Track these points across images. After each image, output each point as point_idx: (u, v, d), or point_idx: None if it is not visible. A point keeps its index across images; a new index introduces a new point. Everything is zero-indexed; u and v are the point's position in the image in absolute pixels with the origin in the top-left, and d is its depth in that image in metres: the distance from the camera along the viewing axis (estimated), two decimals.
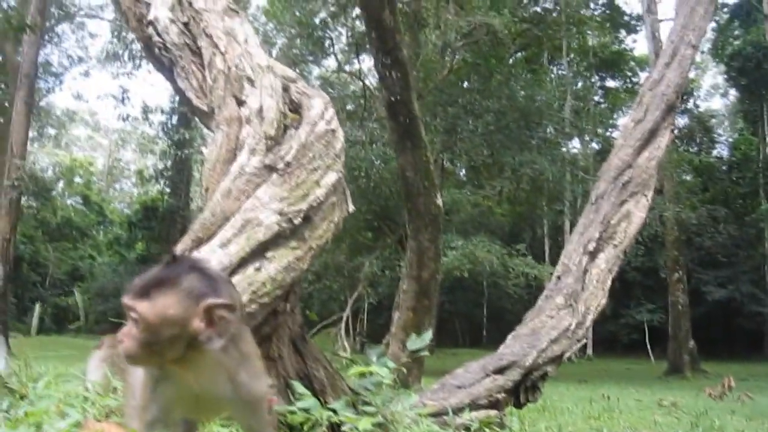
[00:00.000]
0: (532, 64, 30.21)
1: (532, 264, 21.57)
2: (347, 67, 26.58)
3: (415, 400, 3.99)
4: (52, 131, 51.92)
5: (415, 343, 3.95)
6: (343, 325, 23.47)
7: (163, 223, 41.92)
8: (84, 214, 48.80)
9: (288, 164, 3.16)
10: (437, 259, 10.14)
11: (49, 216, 42.89)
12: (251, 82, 3.50)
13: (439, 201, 9.60)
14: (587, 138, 33.39)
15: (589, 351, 32.18)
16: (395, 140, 9.47)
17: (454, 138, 21.97)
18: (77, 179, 52.83)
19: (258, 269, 2.92)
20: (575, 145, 34.56)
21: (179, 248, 3.03)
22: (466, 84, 24.17)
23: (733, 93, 42.66)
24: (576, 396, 12.06)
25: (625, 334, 35.49)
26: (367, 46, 16.29)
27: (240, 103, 3.47)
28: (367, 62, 24.60)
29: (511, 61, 26.36)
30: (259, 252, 2.95)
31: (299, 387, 3.17)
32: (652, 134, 6.64)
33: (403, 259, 15.32)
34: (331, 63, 27.21)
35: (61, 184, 51.24)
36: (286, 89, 3.61)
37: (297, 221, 3.03)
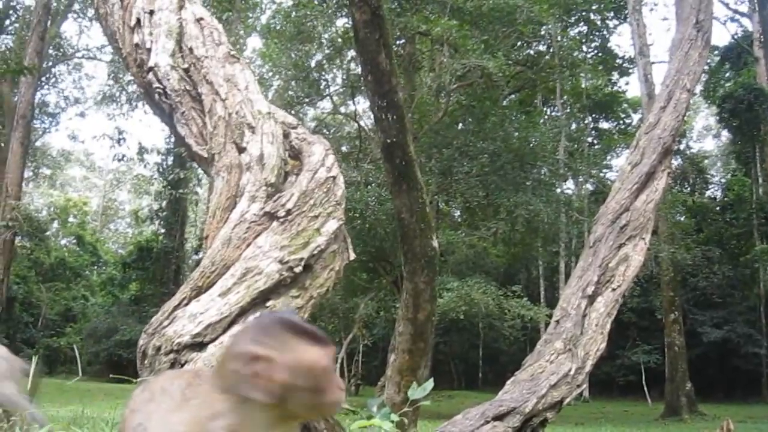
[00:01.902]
0: (526, 106, 30.45)
1: (527, 305, 21.48)
2: (342, 109, 26.72)
3: None
4: (47, 171, 52.04)
5: (416, 392, 3.89)
6: (338, 366, 23.27)
7: (157, 263, 41.76)
8: (78, 254, 48.61)
9: (289, 211, 3.13)
10: (433, 301, 10.07)
11: (43, 256, 42.73)
12: (252, 128, 3.49)
13: (435, 243, 9.55)
14: (581, 179, 33.56)
15: (586, 393, 31.89)
16: (391, 182, 9.45)
17: (449, 179, 22.01)
18: (71, 219, 52.74)
19: None
20: (569, 186, 34.74)
21: (177, 297, 2.99)
22: (460, 126, 24.28)
23: (725, 134, 43.01)
24: None
25: (621, 376, 35.23)
26: (363, 88, 16.36)
27: (240, 149, 3.46)
28: (362, 104, 24.76)
29: (505, 103, 26.53)
30: (259, 301, 2.92)
31: None
32: (648, 177, 6.67)
33: (399, 300, 15.25)
34: (326, 105, 27.37)
35: (55, 225, 51.13)
36: (286, 135, 3.61)
37: (298, 270, 3.00)
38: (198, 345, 2.79)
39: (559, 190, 26.79)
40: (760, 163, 35.64)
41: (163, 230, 43.44)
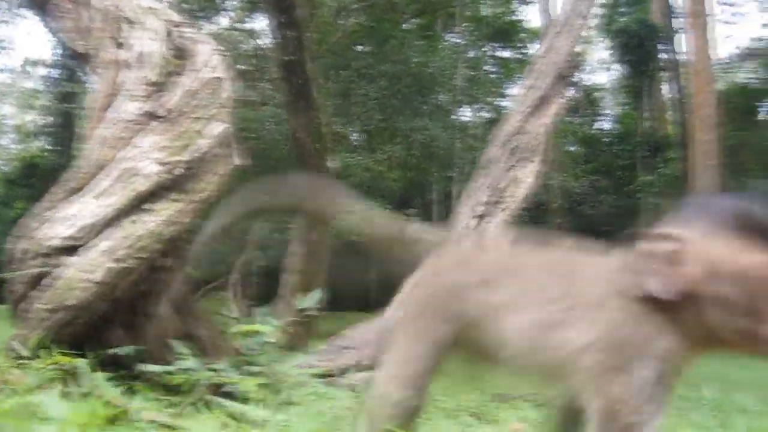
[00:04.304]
0: (426, 31, 30.25)
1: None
2: (239, 26, 25.91)
3: (302, 360, 3.93)
4: None
5: (304, 302, 3.87)
6: (231, 288, 23.13)
7: (44, 180, 39.96)
8: None
9: (170, 111, 2.98)
10: (327, 223, 10.07)
11: None
12: (131, 23, 3.28)
13: (330, 163, 9.52)
14: (478, 106, 33.85)
15: None
16: (288, 101, 9.34)
17: (348, 102, 21.82)
18: None
19: (135, 222, 2.75)
20: (466, 113, 34.99)
21: (49, 199, 2.83)
22: (360, 47, 23.98)
23: (617, 68, 43.97)
24: None
25: None
26: (262, 4, 15.91)
27: (119, 45, 3.24)
28: (260, 21, 24.08)
29: (405, 27, 26.28)
30: (137, 203, 2.78)
31: (179, 346, 3.00)
32: (542, 101, 6.74)
33: (294, 221, 15.18)
34: (222, 21, 26.47)
35: None
36: (170, 34, 3.41)
37: (178, 172, 2.87)
38: (70, 248, 2.65)
39: (455, 116, 26.99)
40: (648, 98, 36.76)
41: (50, 146, 41.67)
